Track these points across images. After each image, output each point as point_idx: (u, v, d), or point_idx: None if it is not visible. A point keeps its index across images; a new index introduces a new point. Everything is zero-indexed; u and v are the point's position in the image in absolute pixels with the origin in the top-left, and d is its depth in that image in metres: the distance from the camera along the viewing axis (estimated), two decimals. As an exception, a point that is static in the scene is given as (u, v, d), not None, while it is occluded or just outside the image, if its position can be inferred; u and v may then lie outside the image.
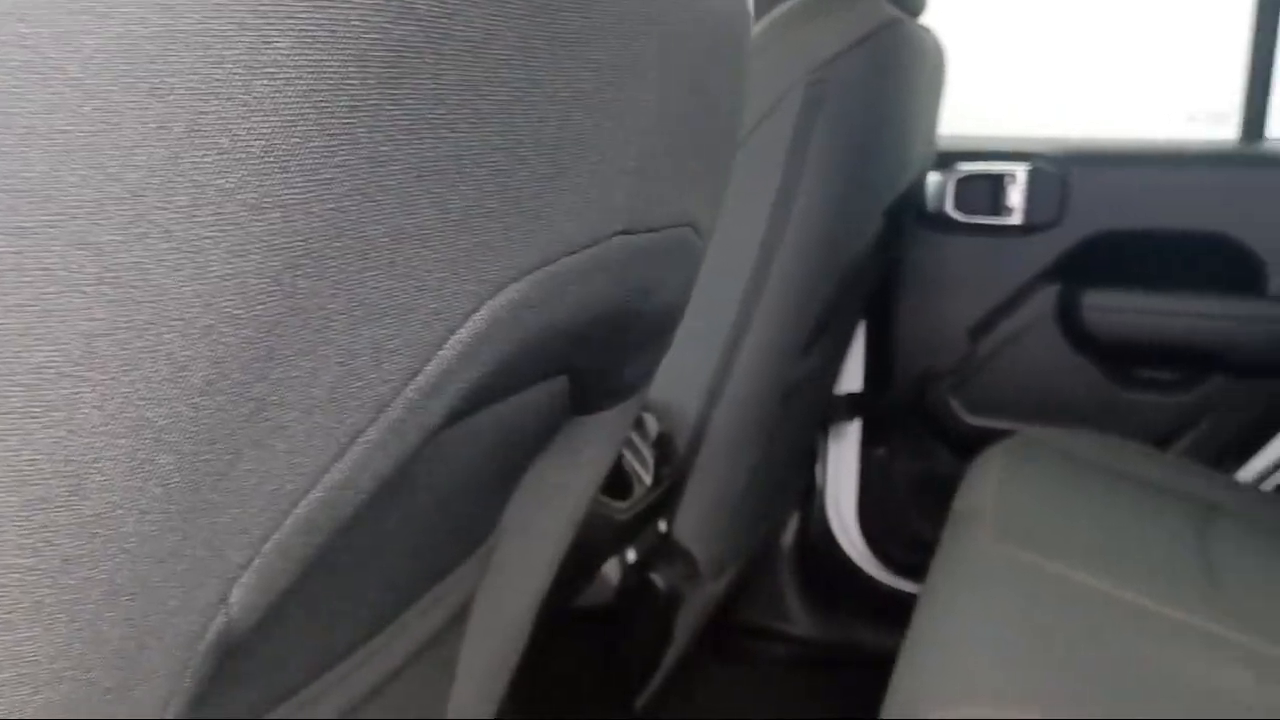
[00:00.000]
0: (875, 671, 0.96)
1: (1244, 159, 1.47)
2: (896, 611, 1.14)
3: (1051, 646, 0.85)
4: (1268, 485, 1.48)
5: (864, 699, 1.01)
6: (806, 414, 1.47)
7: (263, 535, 0.27)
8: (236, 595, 0.27)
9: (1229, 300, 1.46)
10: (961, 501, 1.18)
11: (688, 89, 0.46)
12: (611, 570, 0.89)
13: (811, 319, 1.09)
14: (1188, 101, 2.23)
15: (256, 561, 0.27)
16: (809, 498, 1.74)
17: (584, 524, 0.88)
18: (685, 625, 1.13)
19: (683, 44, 0.43)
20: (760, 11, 1.05)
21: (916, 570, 1.33)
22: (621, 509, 0.88)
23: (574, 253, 0.37)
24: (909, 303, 1.62)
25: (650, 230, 0.46)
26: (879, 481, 1.71)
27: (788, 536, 1.75)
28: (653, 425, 0.98)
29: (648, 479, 0.92)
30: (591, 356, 0.50)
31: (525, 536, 0.59)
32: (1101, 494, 1.24)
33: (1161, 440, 1.52)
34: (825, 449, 1.72)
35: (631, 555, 0.91)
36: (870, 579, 1.71)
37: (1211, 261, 1.47)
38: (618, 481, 0.90)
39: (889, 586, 1.68)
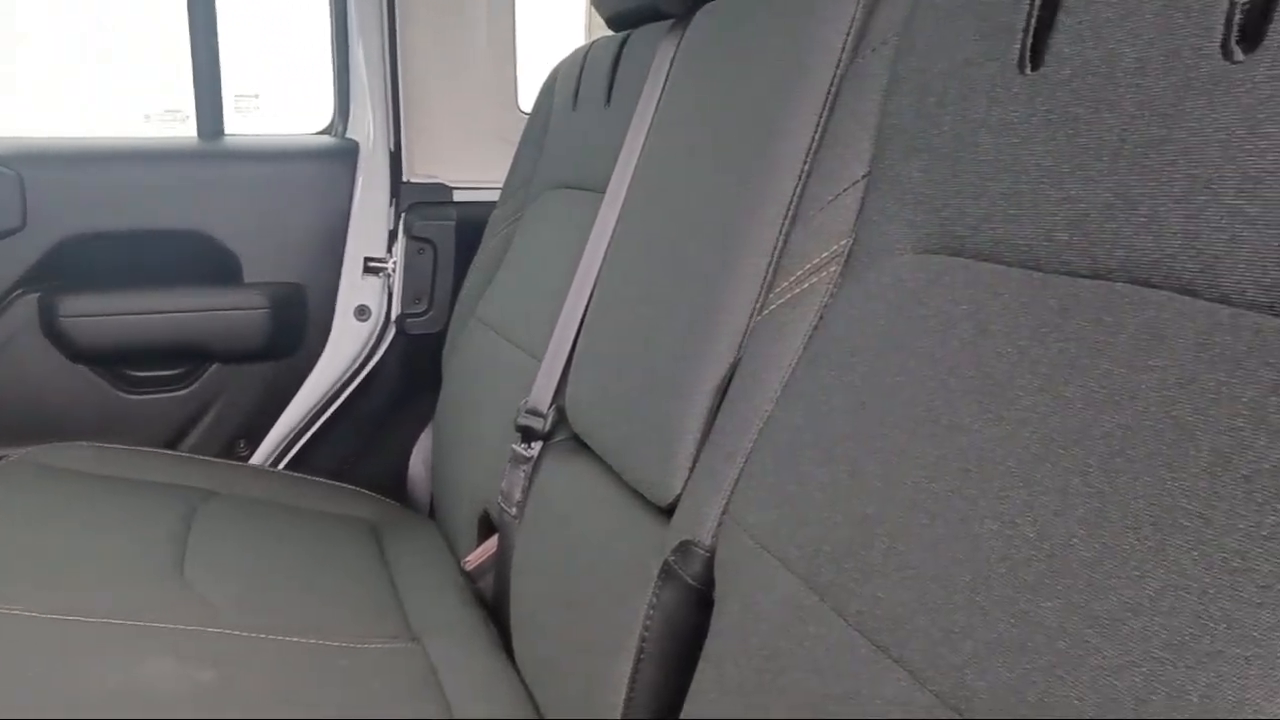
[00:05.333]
0: None
1: (207, 156, 1.53)
2: None
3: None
4: (278, 465, 1.59)
5: None
6: None
7: None
8: None
9: (211, 292, 1.51)
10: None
11: None
12: None
13: None
14: (143, 102, 2.29)
15: None
16: None
17: None
18: None
19: None
20: None
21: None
22: None
23: None
24: None
25: None
26: None
27: None
28: None
29: None
30: None
31: None
32: (87, 507, 1.19)
33: (175, 438, 1.53)
34: None
35: None
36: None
37: (193, 256, 1.50)
38: None
39: None
